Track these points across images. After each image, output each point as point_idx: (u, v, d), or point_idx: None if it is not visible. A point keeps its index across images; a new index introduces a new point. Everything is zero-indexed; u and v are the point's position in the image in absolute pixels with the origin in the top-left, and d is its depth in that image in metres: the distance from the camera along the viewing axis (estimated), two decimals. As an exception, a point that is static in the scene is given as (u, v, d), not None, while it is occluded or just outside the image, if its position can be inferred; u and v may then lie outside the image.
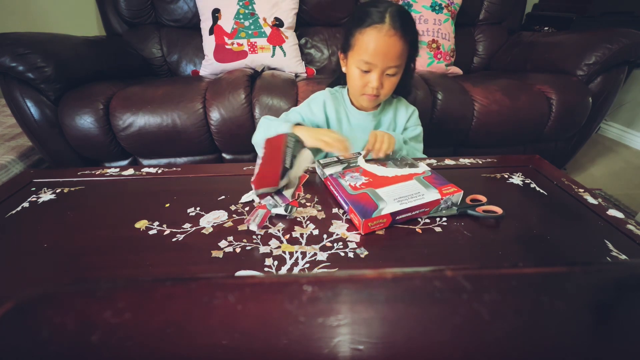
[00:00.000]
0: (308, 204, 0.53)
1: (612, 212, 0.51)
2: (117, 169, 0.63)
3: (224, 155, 1.18)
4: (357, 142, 0.70)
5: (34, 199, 0.54)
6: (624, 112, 1.88)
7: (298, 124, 0.69)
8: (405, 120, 0.78)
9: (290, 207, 0.50)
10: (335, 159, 0.62)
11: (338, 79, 0.80)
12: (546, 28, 1.61)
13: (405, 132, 0.79)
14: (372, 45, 0.62)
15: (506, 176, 0.62)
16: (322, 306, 0.19)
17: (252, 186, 0.52)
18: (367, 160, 0.61)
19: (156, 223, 0.48)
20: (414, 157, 0.73)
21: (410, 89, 0.81)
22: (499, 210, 0.50)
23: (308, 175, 0.60)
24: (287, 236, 0.46)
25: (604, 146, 1.84)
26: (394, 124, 0.78)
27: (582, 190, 0.58)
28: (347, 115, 0.76)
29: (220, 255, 0.42)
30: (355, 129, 0.76)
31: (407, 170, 0.56)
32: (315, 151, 0.70)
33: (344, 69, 0.73)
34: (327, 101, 0.75)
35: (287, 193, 0.54)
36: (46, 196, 0.55)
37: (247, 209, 0.51)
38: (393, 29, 0.61)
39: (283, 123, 0.69)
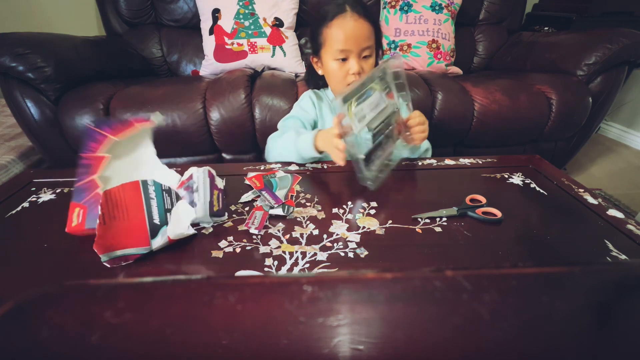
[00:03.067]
0: (308, 204, 0.53)
1: (612, 212, 0.51)
2: (117, 169, 0.63)
3: (224, 155, 1.18)
4: None
5: (34, 199, 0.54)
6: (624, 112, 1.88)
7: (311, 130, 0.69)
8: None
9: (287, 207, 0.50)
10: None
11: (316, 86, 0.81)
12: (546, 28, 1.61)
13: None
14: (342, 32, 0.65)
15: (506, 176, 0.62)
16: (322, 306, 0.19)
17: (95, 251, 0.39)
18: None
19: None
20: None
21: None
22: (498, 213, 0.50)
23: (300, 177, 0.60)
24: (287, 236, 0.46)
25: (604, 146, 1.84)
26: None
27: (582, 190, 0.57)
28: (332, 113, 0.77)
29: (220, 255, 0.42)
30: None
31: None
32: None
33: (320, 72, 0.74)
34: (312, 97, 0.78)
35: (280, 193, 0.53)
36: (46, 196, 0.55)
37: (247, 208, 0.51)
38: (356, 13, 0.65)
39: (299, 136, 0.64)
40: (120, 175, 0.47)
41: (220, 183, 0.53)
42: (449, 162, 0.67)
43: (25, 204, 0.53)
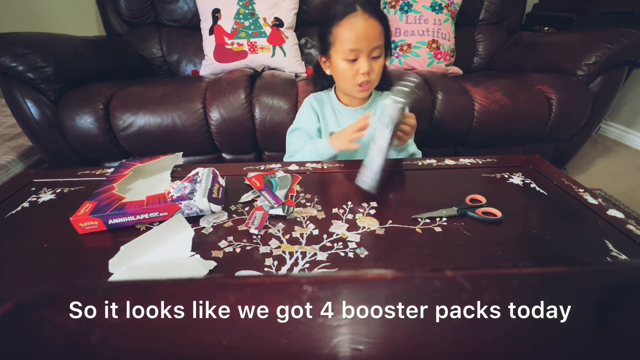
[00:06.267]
0: (308, 204, 0.53)
1: (612, 212, 0.51)
2: (117, 169, 0.63)
3: (224, 155, 1.18)
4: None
5: (34, 199, 0.54)
6: (624, 112, 1.88)
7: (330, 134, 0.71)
8: None
9: (287, 207, 0.50)
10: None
11: (322, 87, 0.81)
12: (546, 28, 1.61)
13: None
14: (353, 32, 0.64)
15: (506, 176, 0.62)
16: (322, 306, 0.19)
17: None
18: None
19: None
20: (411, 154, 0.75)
21: (391, 80, 0.83)
22: (498, 213, 0.50)
23: (300, 177, 0.60)
24: (287, 236, 0.46)
25: (604, 146, 1.84)
26: None
27: (582, 190, 0.57)
28: (334, 115, 0.77)
29: (220, 255, 0.42)
30: (343, 126, 0.76)
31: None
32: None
33: (327, 71, 0.74)
34: (313, 103, 0.78)
35: (280, 193, 0.53)
36: (46, 196, 0.55)
37: (247, 208, 0.51)
38: (366, 12, 0.65)
39: (316, 144, 0.71)
40: (140, 189, 0.54)
41: (222, 182, 0.56)
42: (449, 162, 0.67)
43: (25, 204, 0.53)
